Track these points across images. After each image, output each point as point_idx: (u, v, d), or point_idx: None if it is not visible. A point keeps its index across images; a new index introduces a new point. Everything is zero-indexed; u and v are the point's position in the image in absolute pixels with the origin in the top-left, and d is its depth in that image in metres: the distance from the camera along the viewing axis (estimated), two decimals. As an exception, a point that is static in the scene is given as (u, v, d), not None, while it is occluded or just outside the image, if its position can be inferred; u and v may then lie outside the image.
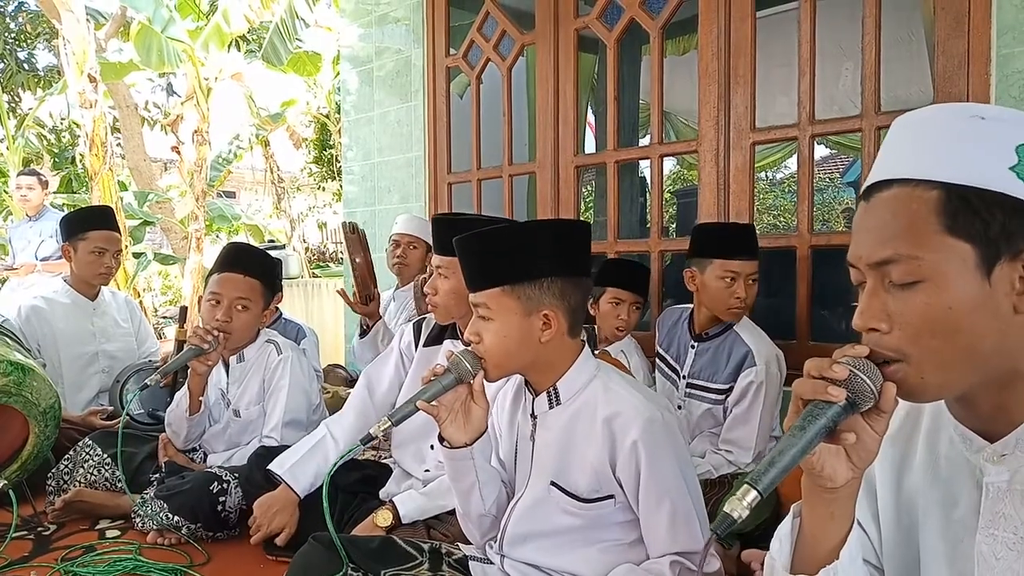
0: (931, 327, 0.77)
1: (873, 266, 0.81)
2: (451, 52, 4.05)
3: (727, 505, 0.76)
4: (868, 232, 0.82)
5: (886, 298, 0.80)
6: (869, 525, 0.97)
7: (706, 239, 2.38)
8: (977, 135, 0.77)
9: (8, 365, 2.32)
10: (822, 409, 0.79)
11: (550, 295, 1.38)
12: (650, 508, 1.35)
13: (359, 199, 4.60)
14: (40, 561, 2.03)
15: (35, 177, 5.10)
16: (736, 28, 2.89)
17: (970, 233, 0.76)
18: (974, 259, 0.76)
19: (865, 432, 0.80)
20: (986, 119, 0.77)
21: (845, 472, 0.82)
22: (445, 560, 1.51)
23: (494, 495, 1.50)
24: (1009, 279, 0.76)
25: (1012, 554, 0.82)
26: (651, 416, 1.35)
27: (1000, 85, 2.30)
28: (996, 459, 0.82)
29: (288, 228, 11.99)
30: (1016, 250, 0.76)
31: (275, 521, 2.04)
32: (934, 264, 0.77)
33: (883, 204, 0.81)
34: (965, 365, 0.78)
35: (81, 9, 6.96)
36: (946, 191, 0.76)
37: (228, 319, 2.33)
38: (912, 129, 0.83)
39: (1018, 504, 0.82)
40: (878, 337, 0.80)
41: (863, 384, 0.78)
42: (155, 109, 12.09)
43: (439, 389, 1.36)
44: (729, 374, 2.32)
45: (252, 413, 2.46)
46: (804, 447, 0.78)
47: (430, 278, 2.02)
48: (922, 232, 0.77)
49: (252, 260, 2.45)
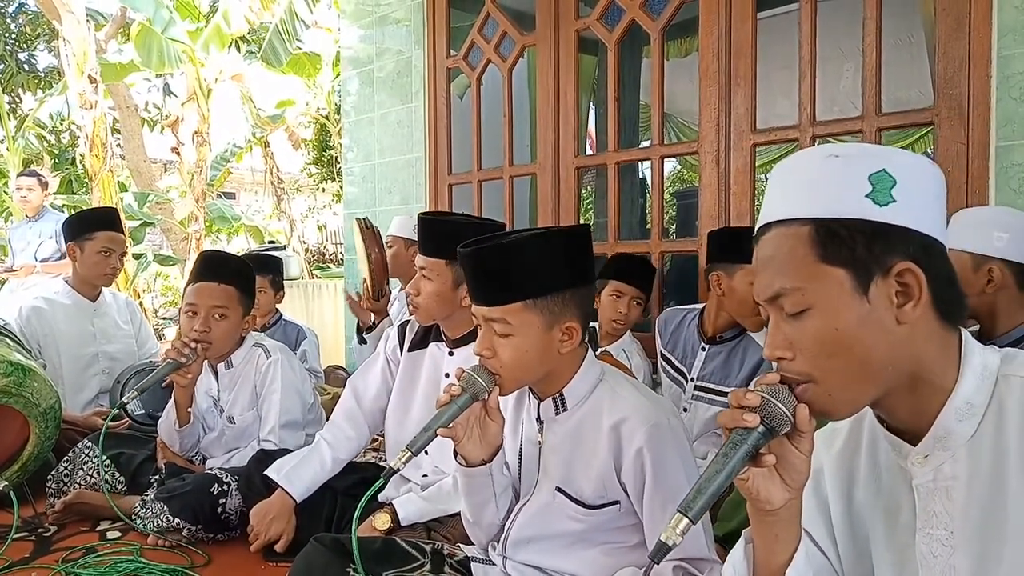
0: (826, 349, 0.84)
1: (768, 301, 0.89)
2: (452, 53, 4.05)
3: (663, 534, 0.83)
4: (760, 272, 0.90)
5: (785, 328, 0.87)
6: (826, 545, 0.99)
7: (737, 244, 2.34)
8: (834, 172, 0.85)
9: (8, 366, 2.32)
10: (743, 436, 0.85)
11: (571, 306, 1.35)
12: (654, 514, 1.34)
13: (360, 200, 4.60)
14: (41, 562, 2.03)
15: (35, 178, 5.10)
16: (737, 29, 2.89)
17: (841, 259, 0.83)
18: (850, 282, 0.83)
19: (791, 453, 0.86)
20: (840, 156, 0.85)
21: (781, 494, 0.87)
22: (447, 561, 1.50)
23: (507, 504, 1.50)
24: (886, 294, 0.83)
25: (947, 550, 0.86)
26: (657, 422, 1.34)
27: (1001, 86, 2.30)
28: (920, 460, 0.88)
29: (288, 229, 11.98)
30: (885, 267, 0.82)
31: (272, 528, 2.02)
32: (816, 292, 0.84)
33: (767, 244, 0.89)
34: (865, 379, 0.84)
35: (81, 10, 6.97)
36: (815, 225, 0.84)
37: (207, 329, 2.31)
38: (782, 176, 0.91)
39: (945, 500, 0.86)
40: (786, 364, 0.87)
41: (776, 408, 0.84)
42: (154, 110, 12.10)
43: (455, 411, 1.32)
44: (744, 379, 2.30)
45: (247, 419, 2.45)
46: (728, 473, 0.84)
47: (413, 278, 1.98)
48: (800, 265, 0.85)
49: (226, 268, 2.42)
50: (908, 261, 0.82)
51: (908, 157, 0.86)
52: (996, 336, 1.86)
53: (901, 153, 0.87)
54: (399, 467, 1.28)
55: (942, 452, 0.86)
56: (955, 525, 0.85)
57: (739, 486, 0.88)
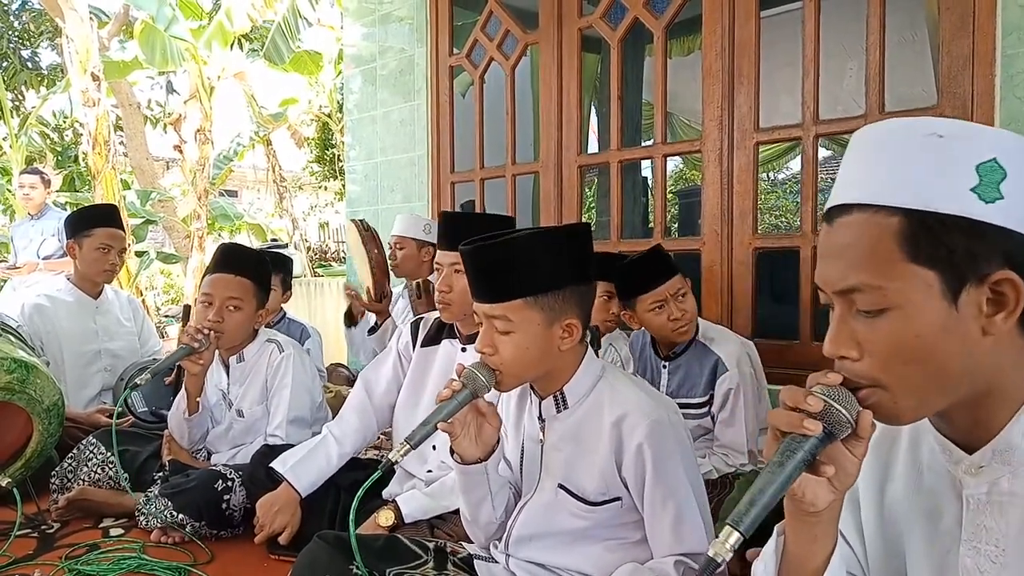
0: (901, 354, 0.77)
1: (839, 294, 0.80)
2: (454, 51, 4.05)
3: (711, 549, 0.76)
4: (832, 258, 0.81)
5: (854, 325, 0.79)
6: (854, 539, 0.96)
7: (621, 282, 2.40)
8: (935, 155, 0.75)
9: (12, 363, 2.32)
10: (799, 442, 0.78)
11: (572, 303, 1.36)
12: (655, 509, 1.35)
13: (362, 198, 4.60)
14: (44, 559, 2.03)
15: (38, 176, 5.11)
16: (740, 28, 2.89)
17: (933, 259, 0.74)
18: (939, 285, 0.75)
19: (844, 457, 0.80)
20: (944, 137, 0.75)
21: (826, 496, 0.81)
22: (450, 559, 1.51)
23: (504, 503, 1.50)
24: (976, 303, 0.75)
25: (995, 567, 0.81)
26: (658, 418, 1.35)
27: (1005, 85, 2.30)
28: (975, 471, 0.82)
29: (290, 227, 11.99)
30: (981, 273, 0.74)
31: (277, 520, 2.03)
32: (899, 292, 0.76)
33: (845, 229, 0.80)
34: (937, 389, 0.78)
35: (84, 7, 6.98)
36: (907, 217, 0.75)
37: (220, 319, 2.33)
38: (869, 148, 0.81)
39: (998, 516, 0.81)
40: (849, 364, 0.80)
41: (839, 414, 0.78)
42: (157, 107, 12.11)
43: (455, 406, 1.32)
44: (705, 385, 2.33)
45: (256, 413, 2.46)
46: (784, 482, 0.78)
47: (441, 275, 1.98)
48: (885, 260, 0.76)
49: (243, 261, 2.45)
50: (1008, 269, 0.73)
51: (1018, 142, 0.75)
52: None
53: (1011, 138, 0.76)
54: (398, 459, 1.29)
55: (1000, 466, 0.80)
56: (1007, 543, 0.80)
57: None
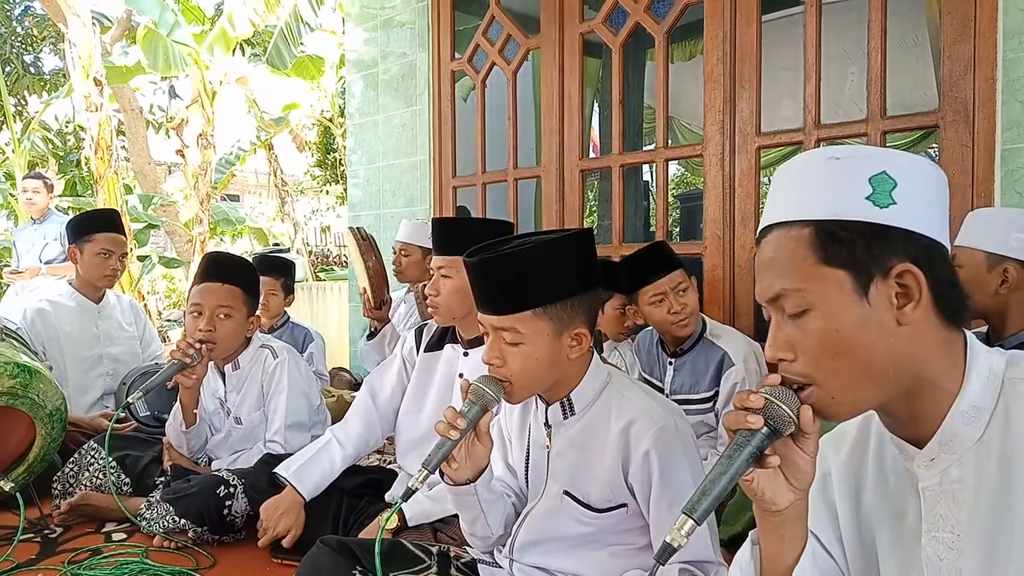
0: (827, 350, 0.84)
1: (769, 302, 0.89)
2: (456, 56, 4.05)
3: (668, 535, 0.84)
4: (761, 273, 0.90)
5: (787, 330, 0.87)
6: (834, 548, 0.99)
7: (624, 277, 2.43)
8: (834, 174, 0.85)
9: (15, 367, 2.32)
10: (747, 438, 0.85)
11: (579, 312, 1.35)
12: (661, 516, 1.34)
13: (364, 203, 4.61)
14: (47, 564, 2.03)
15: (40, 181, 5.12)
16: (741, 32, 2.89)
17: (841, 260, 0.83)
18: (850, 283, 0.83)
19: (796, 454, 0.87)
20: (840, 159, 0.85)
21: (786, 495, 0.87)
22: (453, 563, 1.51)
23: (500, 519, 1.48)
24: (886, 296, 0.83)
25: (953, 553, 0.86)
26: (665, 424, 1.34)
27: (1006, 89, 2.30)
28: (926, 464, 0.88)
29: (291, 231, 12.00)
30: (886, 268, 0.83)
31: (281, 523, 2.04)
32: (816, 293, 0.84)
33: (768, 246, 0.89)
34: (867, 380, 0.85)
35: (87, 13, 7.00)
36: (815, 227, 0.85)
37: (211, 329, 2.33)
38: (783, 178, 0.91)
39: (951, 503, 0.86)
40: (787, 365, 0.88)
41: (780, 410, 0.85)
42: (159, 112, 12.14)
43: (468, 425, 1.29)
44: (711, 380, 2.34)
45: (254, 419, 2.46)
46: (732, 475, 0.85)
47: (431, 280, 2.01)
48: (801, 266, 0.85)
49: (231, 268, 2.44)
50: (908, 262, 0.82)
51: (908, 159, 0.86)
52: (1005, 337, 1.85)
53: (902, 155, 0.87)
54: (417, 487, 1.27)
55: (948, 455, 0.86)
56: (961, 528, 0.85)
57: (744, 487, 0.88)
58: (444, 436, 1.29)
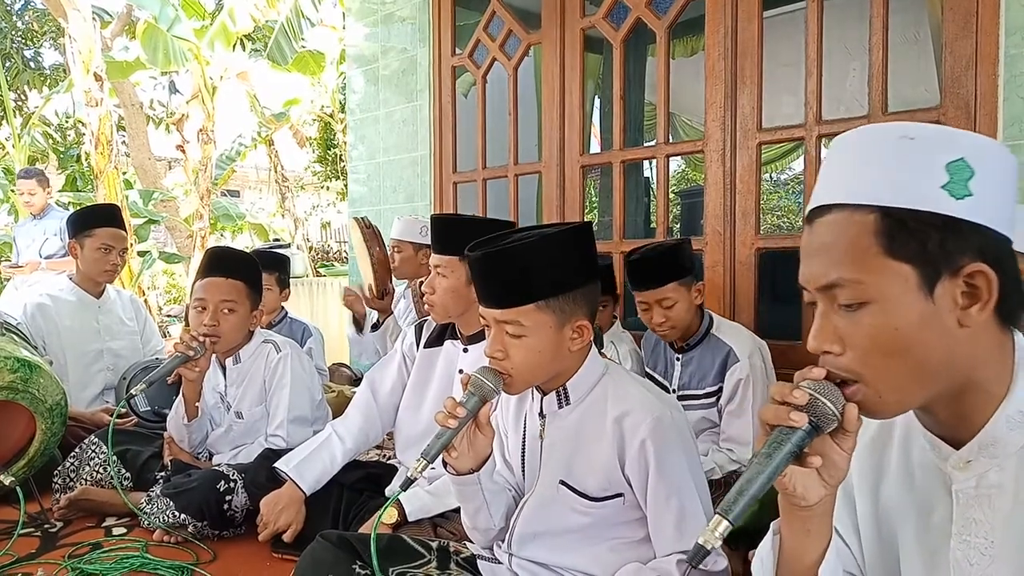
0: (881, 347, 0.79)
1: (821, 290, 0.83)
2: (457, 51, 4.05)
3: (701, 537, 0.79)
4: (814, 256, 0.83)
5: (836, 320, 0.82)
6: (850, 536, 0.98)
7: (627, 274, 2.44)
8: (907, 156, 0.78)
9: (15, 362, 2.33)
10: (787, 435, 0.80)
11: (581, 304, 1.36)
12: (658, 507, 1.35)
13: (364, 198, 4.60)
14: (47, 558, 2.04)
15: (34, 179, 4.99)
16: (743, 28, 2.88)
17: (908, 254, 0.77)
18: (915, 279, 0.77)
19: (833, 451, 0.82)
20: (915, 139, 0.78)
21: (818, 490, 0.83)
22: (453, 558, 1.51)
23: (502, 509, 1.50)
24: (951, 295, 0.77)
25: (985, 559, 0.83)
26: (660, 415, 1.35)
27: (1008, 86, 2.29)
28: (962, 466, 0.84)
29: (292, 227, 12.00)
30: (955, 267, 0.77)
31: (282, 518, 2.04)
32: (877, 286, 0.78)
33: (825, 228, 0.82)
34: (918, 381, 0.80)
35: (87, 8, 6.98)
36: (882, 214, 0.78)
37: (215, 323, 2.35)
38: (846, 152, 0.84)
39: (986, 509, 0.83)
40: (832, 359, 0.82)
41: (824, 407, 0.80)
42: (159, 108, 12.13)
43: (467, 416, 1.31)
44: (715, 376, 2.36)
45: (255, 414, 2.47)
46: (771, 474, 0.80)
47: (428, 278, 2.02)
48: (863, 256, 0.79)
49: (234, 263, 2.46)
50: (980, 262, 0.76)
51: (987, 145, 0.79)
52: None
53: (979, 140, 0.79)
54: (416, 476, 1.29)
55: (988, 460, 0.82)
56: (996, 535, 0.82)
57: (776, 482, 0.83)
58: (443, 426, 1.30)
